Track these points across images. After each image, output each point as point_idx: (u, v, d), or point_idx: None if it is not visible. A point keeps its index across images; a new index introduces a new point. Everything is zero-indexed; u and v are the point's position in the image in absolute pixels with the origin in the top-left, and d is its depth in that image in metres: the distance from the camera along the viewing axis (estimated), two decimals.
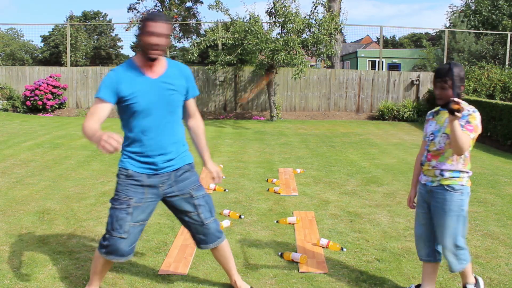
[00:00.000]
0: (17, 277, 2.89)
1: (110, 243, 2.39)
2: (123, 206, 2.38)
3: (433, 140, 2.54)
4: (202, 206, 2.52)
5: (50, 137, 8.88)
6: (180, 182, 2.49)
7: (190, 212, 2.51)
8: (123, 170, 2.42)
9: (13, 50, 36.76)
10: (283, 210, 4.44)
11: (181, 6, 26.01)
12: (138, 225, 2.43)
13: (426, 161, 2.58)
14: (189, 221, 2.54)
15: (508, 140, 8.78)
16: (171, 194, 2.49)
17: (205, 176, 5.70)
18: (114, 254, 2.41)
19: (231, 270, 2.75)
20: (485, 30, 17.73)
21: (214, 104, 13.77)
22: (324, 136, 9.76)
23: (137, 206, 2.40)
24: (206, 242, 2.58)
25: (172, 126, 2.44)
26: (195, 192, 2.52)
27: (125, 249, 2.41)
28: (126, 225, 2.38)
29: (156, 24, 2.25)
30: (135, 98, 2.32)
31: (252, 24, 11.37)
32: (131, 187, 2.40)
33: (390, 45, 47.21)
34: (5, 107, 13.37)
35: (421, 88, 13.80)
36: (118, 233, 2.38)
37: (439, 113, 2.58)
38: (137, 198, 2.40)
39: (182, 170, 2.50)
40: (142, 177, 2.41)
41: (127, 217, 2.38)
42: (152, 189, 2.44)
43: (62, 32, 32.36)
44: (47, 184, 5.23)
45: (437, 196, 2.53)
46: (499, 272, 3.11)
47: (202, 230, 2.54)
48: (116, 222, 2.37)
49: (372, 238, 3.70)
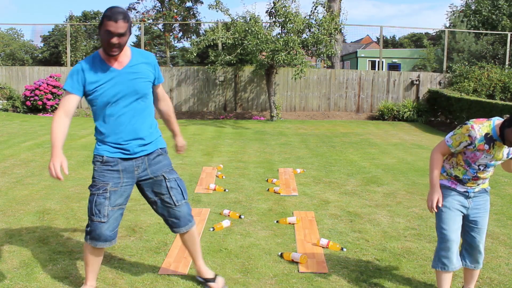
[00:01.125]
0: (17, 277, 2.89)
1: (92, 228, 2.51)
2: (100, 191, 2.49)
3: (485, 170, 2.49)
4: (174, 188, 2.63)
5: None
6: (153, 165, 2.59)
7: (163, 195, 2.61)
8: (98, 157, 2.52)
9: (13, 50, 36.76)
10: (283, 210, 4.44)
11: (181, 6, 25.96)
12: (116, 209, 2.53)
13: (471, 180, 2.52)
14: (162, 203, 2.63)
15: None
16: (145, 177, 2.59)
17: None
18: (97, 239, 2.52)
19: (198, 256, 2.83)
20: (485, 30, 17.73)
21: (214, 104, 13.77)
22: (324, 136, 9.76)
23: (114, 190, 2.50)
24: (178, 226, 2.67)
25: (142, 113, 2.53)
26: (168, 175, 2.63)
27: (107, 233, 2.52)
28: (105, 209, 2.48)
29: (117, 25, 2.28)
30: (101, 89, 2.41)
31: (252, 24, 11.37)
32: (106, 172, 2.50)
33: (390, 45, 47.19)
34: (5, 107, 13.37)
35: (421, 88, 13.80)
36: (98, 217, 2.49)
37: (495, 145, 2.40)
38: (113, 183, 2.50)
39: (155, 154, 2.61)
40: (116, 161, 2.51)
41: (105, 202, 2.48)
42: (127, 173, 2.54)
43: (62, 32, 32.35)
44: (47, 184, 5.23)
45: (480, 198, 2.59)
46: (499, 272, 3.11)
47: (174, 212, 2.64)
48: (95, 207, 2.48)
49: (372, 238, 3.70)
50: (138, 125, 2.52)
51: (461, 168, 2.52)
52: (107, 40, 2.31)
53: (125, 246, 3.43)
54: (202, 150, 7.73)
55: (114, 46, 2.33)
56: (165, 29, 26.33)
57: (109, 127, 2.48)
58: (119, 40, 2.32)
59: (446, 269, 2.53)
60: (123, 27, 2.30)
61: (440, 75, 14.07)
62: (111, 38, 2.30)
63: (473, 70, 13.42)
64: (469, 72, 13.35)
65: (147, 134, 2.56)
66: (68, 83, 2.41)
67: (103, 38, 2.32)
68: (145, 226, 3.88)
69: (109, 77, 2.42)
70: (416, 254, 3.40)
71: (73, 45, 15.74)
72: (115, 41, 2.31)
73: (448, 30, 15.68)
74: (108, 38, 2.31)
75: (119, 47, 2.35)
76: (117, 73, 2.43)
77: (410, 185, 5.49)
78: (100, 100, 2.43)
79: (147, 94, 2.55)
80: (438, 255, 2.56)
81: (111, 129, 2.48)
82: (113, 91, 2.42)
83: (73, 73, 2.42)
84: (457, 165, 2.53)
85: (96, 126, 2.54)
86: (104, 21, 2.29)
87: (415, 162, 6.94)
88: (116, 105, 2.45)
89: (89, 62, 2.44)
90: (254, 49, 11.38)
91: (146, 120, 2.56)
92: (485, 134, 2.38)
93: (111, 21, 2.27)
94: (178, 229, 2.68)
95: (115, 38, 2.31)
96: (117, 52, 2.37)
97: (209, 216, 4.17)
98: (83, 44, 16.74)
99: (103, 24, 2.31)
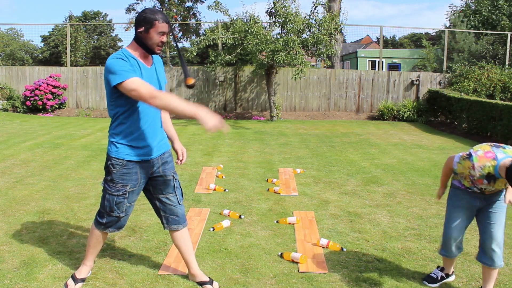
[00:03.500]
0: (17, 277, 2.89)
1: (109, 221, 2.65)
2: (120, 192, 2.58)
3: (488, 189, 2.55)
4: (178, 188, 2.76)
5: (50, 137, 8.88)
6: (165, 164, 2.69)
7: (170, 193, 2.72)
8: (119, 161, 2.53)
9: (13, 50, 36.76)
10: (283, 210, 4.44)
11: (181, 6, 25.98)
12: (133, 204, 2.69)
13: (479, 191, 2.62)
14: (166, 202, 2.72)
15: (508, 140, 8.78)
16: (156, 174, 2.67)
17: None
18: (113, 227, 2.68)
19: (192, 257, 2.87)
20: (485, 30, 17.73)
21: (214, 104, 13.77)
22: (324, 136, 9.76)
23: (132, 191, 2.61)
24: (179, 222, 2.77)
25: (159, 112, 2.63)
26: (175, 175, 2.75)
27: (123, 223, 2.70)
28: (124, 206, 2.62)
29: (166, 26, 2.45)
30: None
31: (252, 25, 11.37)
32: (126, 175, 2.56)
33: (390, 45, 47.22)
34: (5, 107, 13.37)
35: (421, 88, 13.80)
36: (117, 213, 2.62)
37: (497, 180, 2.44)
38: (132, 184, 2.59)
39: (167, 153, 2.72)
40: (137, 164, 2.57)
41: (124, 201, 2.60)
42: (144, 173, 2.63)
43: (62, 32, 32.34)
44: (47, 184, 5.23)
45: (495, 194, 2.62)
46: (499, 272, 3.11)
47: (176, 210, 2.75)
48: (114, 205, 2.60)
49: (372, 238, 3.70)
50: (157, 125, 2.62)
51: (467, 182, 2.59)
52: (159, 40, 2.45)
53: (125, 246, 3.43)
54: (202, 150, 7.73)
55: (161, 45, 2.48)
56: None
57: (134, 125, 2.50)
58: (165, 38, 2.49)
59: (446, 256, 2.85)
60: (168, 26, 2.48)
61: (440, 75, 14.07)
62: (163, 37, 2.46)
63: (473, 70, 13.41)
64: (469, 72, 13.35)
65: (162, 133, 2.68)
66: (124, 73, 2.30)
67: (154, 38, 2.43)
68: (145, 226, 3.88)
69: (144, 74, 2.47)
70: (416, 254, 3.40)
71: (73, 45, 15.75)
72: (165, 39, 2.48)
73: (448, 30, 15.68)
74: (160, 38, 2.45)
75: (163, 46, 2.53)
76: (148, 70, 2.52)
77: (410, 185, 5.49)
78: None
79: None
80: (441, 244, 2.87)
81: (135, 127, 2.51)
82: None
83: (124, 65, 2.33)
84: (465, 179, 2.58)
85: (116, 127, 2.51)
86: (156, 23, 2.41)
87: (415, 162, 6.94)
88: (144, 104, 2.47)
89: (126, 58, 2.40)
90: (254, 49, 11.38)
91: (160, 120, 2.67)
92: (487, 173, 2.42)
93: (164, 22, 2.43)
94: (178, 225, 2.77)
95: (164, 37, 2.47)
96: (161, 50, 2.52)
97: (209, 216, 4.17)
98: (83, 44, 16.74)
99: (154, 25, 2.41)
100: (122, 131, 2.51)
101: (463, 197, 2.68)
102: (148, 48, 2.47)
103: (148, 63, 2.54)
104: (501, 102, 10.02)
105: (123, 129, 2.50)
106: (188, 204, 4.53)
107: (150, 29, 2.41)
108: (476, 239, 3.73)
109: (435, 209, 4.56)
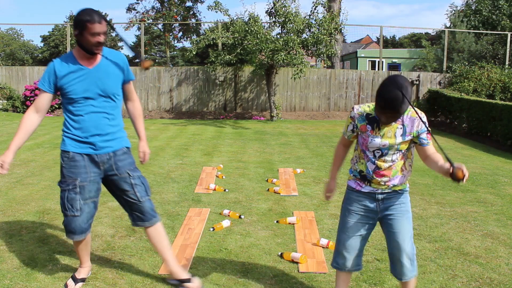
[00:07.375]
0: (17, 277, 2.89)
1: (67, 223, 2.63)
2: (70, 186, 2.59)
3: (382, 157, 2.29)
4: (138, 185, 2.72)
5: (50, 137, 8.88)
6: (118, 162, 2.68)
7: (127, 191, 2.70)
8: (65, 153, 2.62)
9: (13, 50, 36.77)
10: (283, 210, 4.44)
11: (180, 6, 25.96)
12: (89, 202, 2.64)
13: (374, 174, 2.31)
14: (126, 199, 2.72)
15: (508, 140, 8.78)
16: (110, 173, 2.68)
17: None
18: (73, 233, 2.64)
19: (168, 255, 2.83)
20: (485, 30, 17.73)
21: (214, 104, 13.77)
22: (324, 136, 9.76)
23: (83, 185, 2.60)
24: (143, 220, 2.75)
25: (109, 111, 2.64)
26: (132, 173, 2.72)
27: (82, 225, 2.63)
28: (77, 203, 2.59)
29: (102, 25, 2.46)
30: (71, 86, 2.53)
31: (252, 24, 11.37)
32: (74, 168, 2.60)
33: (390, 45, 47.20)
34: (5, 107, 13.38)
35: (421, 88, 13.81)
36: (71, 212, 2.60)
37: (381, 126, 2.25)
38: (82, 178, 2.60)
39: (120, 151, 2.70)
40: (83, 157, 2.60)
41: (76, 196, 2.59)
42: (93, 167, 2.63)
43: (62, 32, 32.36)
44: (47, 184, 5.23)
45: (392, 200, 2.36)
46: (499, 272, 3.11)
47: (138, 207, 2.73)
48: (67, 202, 2.59)
49: (372, 238, 3.70)
50: (105, 123, 2.62)
51: (362, 160, 2.34)
52: (95, 40, 2.46)
53: (125, 246, 3.43)
54: (202, 150, 7.73)
55: (100, 45, 2.50)
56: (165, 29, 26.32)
57: (76, 123, 2.59)
58: (103, 38, 2.48)
59: (338, 269, 2.47)
60: (104, 25, 2.48)
61: (440, 75, 14.08)
62: (99, 37, 2.47)
63: (473, 70, 13.41)
64: (469, 72, 13.35)
65: (112, 131, 2.66)
66: (41, 82, 2.58)
67: (89, 40, 2.45)
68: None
69: (79, 75, 2.54)
70: (416, 254, 3.39)
71: (73, 45, 15.74)
72: (102, 39, 2.48)
73: (448, 30, 15.68)
74: (95, 38, 2.46)
75: (103, 45, 2.52)
76: (87, 71, 2.56)
77: (410, 185, 5.49)
78: (69, 96, 2.55)
79: (115, 94, 2.65)
80: (333, 254, 2.51)
81: (78, 125, 2.59)
82: (81, 89, 2.54)
83: (46, 72, 2.56)
84: (359, 158, 2.38)
85: (64, 121, 2.65)
86: (87, 24, 2.43)
87: (415, 162, 6.92)
88: (85, 102, 2.56)
89: (62, 61, 2.57)
90: (254, 49, 11.38)
91: (112, 119, 2.66)
92: (366, 114, 2.27)
93: (96, 23, 2.43)
94: (143, 223, 2.76)
95: (101, 37, 2.47)
96: (100, 50, 2.54)
97: (209, 216, 4.17)
98: None
99: (86, 27, 2.43)
100: (66, 123, 2.63)
101: (357, 199, 2.38)
102: (86, 49, 2.51)
103: (90, 64, 2.57)
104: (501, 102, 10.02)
105: (67, 122, 2.62)
106: (188, 204, 4.53)
107: (83, 31, 2.44)
108: (476, 239, 3.73)
109: (435, 209, 4.56)
